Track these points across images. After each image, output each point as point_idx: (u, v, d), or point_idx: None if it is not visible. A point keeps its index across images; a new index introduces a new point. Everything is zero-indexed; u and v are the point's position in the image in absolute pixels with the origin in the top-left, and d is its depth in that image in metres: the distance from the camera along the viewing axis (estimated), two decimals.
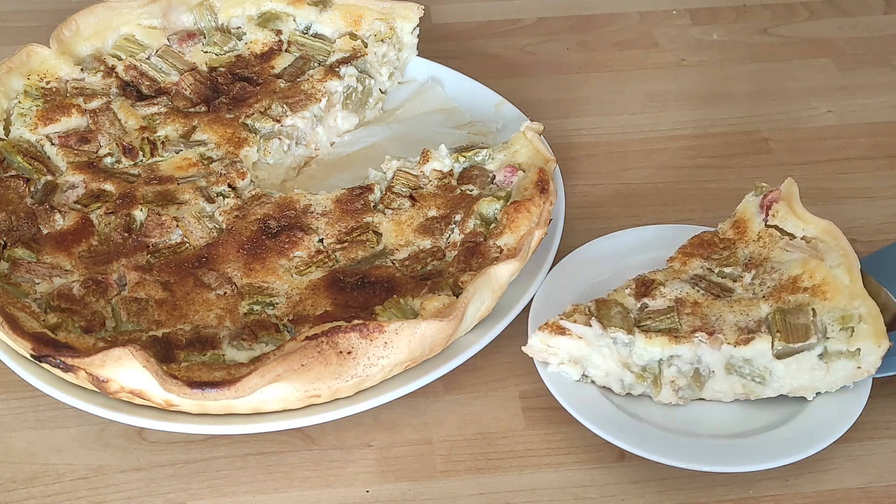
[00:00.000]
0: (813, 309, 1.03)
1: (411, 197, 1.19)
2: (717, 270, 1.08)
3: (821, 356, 1.01)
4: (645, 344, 1.01)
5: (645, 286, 1.07)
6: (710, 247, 1.11)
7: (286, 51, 1.39)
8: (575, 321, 1.03)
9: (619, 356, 1.03)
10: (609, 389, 1.05)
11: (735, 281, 1.08)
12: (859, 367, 1.01)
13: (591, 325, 1.02)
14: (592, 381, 1.04)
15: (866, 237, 1.25)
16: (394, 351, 1.00)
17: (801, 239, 1.10)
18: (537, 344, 1.04)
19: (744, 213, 1.13)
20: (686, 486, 1.00)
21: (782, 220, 1.11)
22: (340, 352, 0.99)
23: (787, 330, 1.01)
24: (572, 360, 1.03)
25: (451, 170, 1.22)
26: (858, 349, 1.00)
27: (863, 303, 1.03)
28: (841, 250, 1.07)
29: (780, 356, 1.01)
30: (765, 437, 1.00)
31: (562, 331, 1.03)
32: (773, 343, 1.00)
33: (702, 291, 1.06)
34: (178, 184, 1.20)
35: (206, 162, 1.23)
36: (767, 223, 1.12)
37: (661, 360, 1.02)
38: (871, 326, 1.01)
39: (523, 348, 1.05)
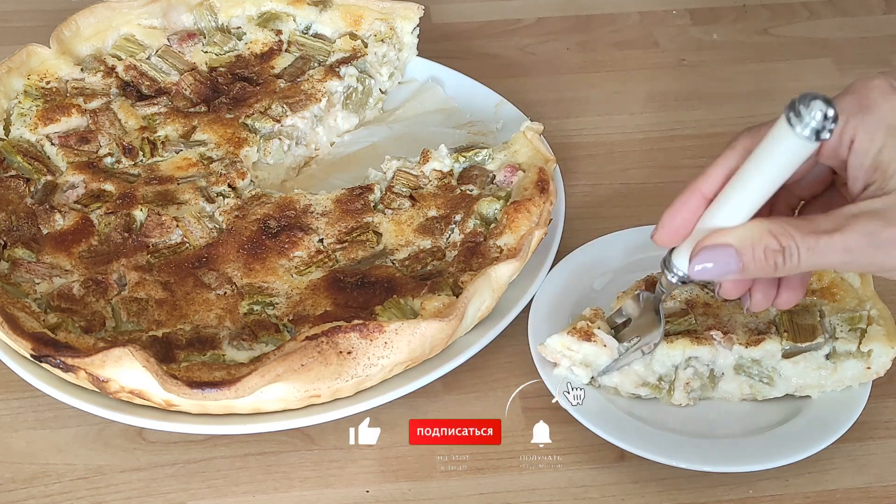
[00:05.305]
0: (820, 310, 1.03)
1: (411, 197, 1.19)
2: None
3: (828, 356, 1.01)
4: (666, 348, 1.01)
5: (654, 287, 1.06)
6: None
7: (286, 51, 1.39)
8: (599, 328, 1.02)
9: (637, 369, 1.02)
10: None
11: None
12: (869, 368, 1.01)
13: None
14: (600, 385, 1.04)
15: None
16: (394, 351, 1.00)
17: None
18: (556, 345, 1.03)
19: None
20: (686, 486, 1.00)
21: None
22: (340, 352, 0.99)
23: (794, 330, 1.01)
24: (584, 363, 1.03)
25: (451, 170, 1.23)
26: (870, 350, 1.00)
27: (874, 305, 1.03)
28: None
29: (787, 356, 1.01)
30: (765, 437, 1.00)
31: (589, 337, 1.02)
32: (781, 343, 1.01)
33: (711, 293, 1.06)
34: (178, 184, 1.20)
35: (206, 162, 1.23)
36: None
37: (678, 364, 1.02)
38: (885, 328, 1.01)
39: (539, 347, 1.04)
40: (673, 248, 0.90)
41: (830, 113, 0.76)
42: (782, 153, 0.80)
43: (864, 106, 0.80)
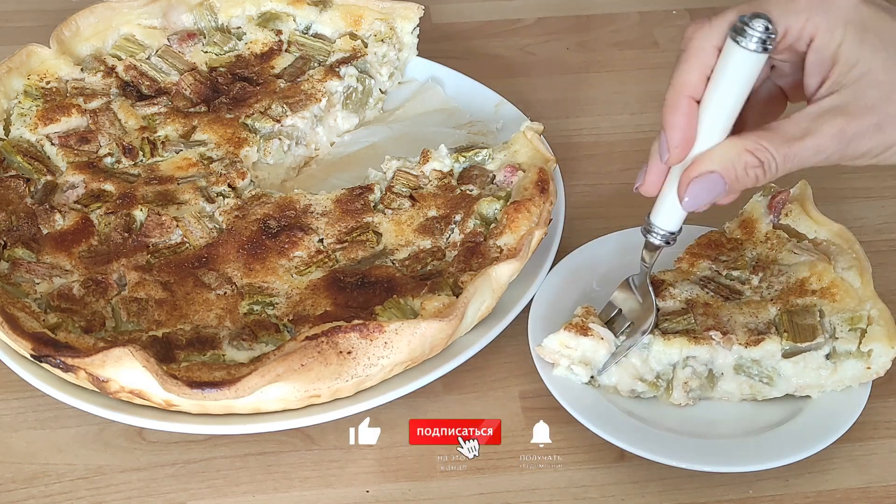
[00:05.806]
0: (820, 310, 1.03)
1: (411, 197, 1.19)
2: (724, 273, 1.08)
3: (828, 356, 1.01)
4: (664, 346, 1.01)
5: (654, 287, 1.06)
6: (717, 247, 1.11)
7: (286, 51, 1.39)
8: (593, 322, 1.02)
9: (634, 363, 1.02)
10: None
11: (743, 283, 1.07)
12: (869, 368, 1.01)
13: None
14: (599, 385, 1.04)
15: (866, 237, 1.24)
16: (394, 351, 1.00)
17: (811, 241, 1.10)
18: (553, 345, 1.03)
19: (751, 213, 1.13)
20: (686, 486, 1.00)
21: (795, 221, 1.12)
22: (340, 352, 0.99)
23: (794, 330, 1.01)
24: (583, 361, 1.03)
25: (451, 170, 1.23)
26: (870, 350, 1.00)
27: (874, 305, 1.03)
28: (853, 254, 1.08)
29: (787, 356, 1.01)
30: (765, 437, 1.00)
31: (585, 331, 1.02)
32: (780, 343, 1.01)
33: (711, 293, 1.06)
34: (178, 184, 1.20)
35: (206, 162, 1.23)
36: (779, 222, 1.12)
37: (675, 363, 1.02)
38: (885, 328, 1.01)
39: (536, 348, 1.04)
40: (649, 214, 0.97)
41: (770, 27, 0.84)
42: (736, 70, 0.87)
43: (823, 2, 0.85)
